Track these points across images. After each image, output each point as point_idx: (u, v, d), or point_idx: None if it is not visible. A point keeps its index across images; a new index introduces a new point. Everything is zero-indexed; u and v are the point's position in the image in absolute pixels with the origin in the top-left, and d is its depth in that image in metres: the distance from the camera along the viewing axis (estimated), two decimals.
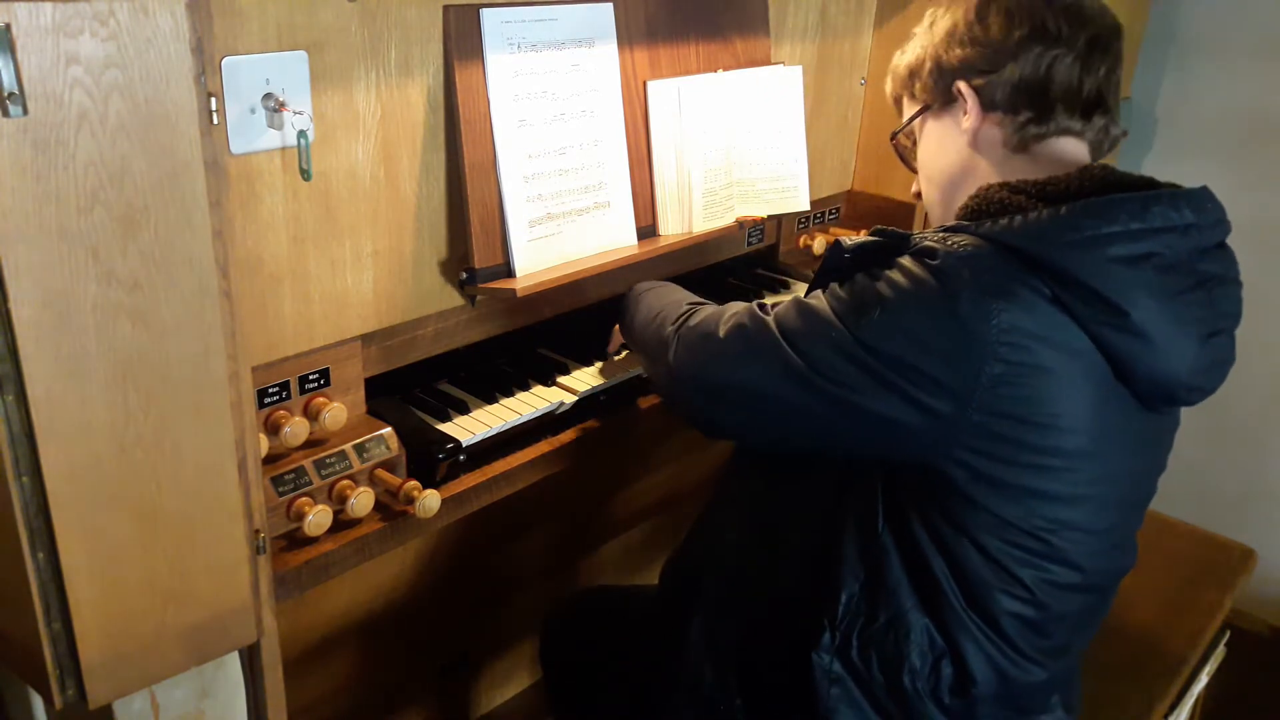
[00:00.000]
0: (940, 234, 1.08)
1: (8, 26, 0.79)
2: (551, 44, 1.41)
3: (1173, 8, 2.49)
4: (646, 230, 1.59)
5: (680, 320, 1.27)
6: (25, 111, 0.81)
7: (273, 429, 1.22)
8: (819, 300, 1.11)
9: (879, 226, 1.14)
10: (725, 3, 1.64)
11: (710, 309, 1.25)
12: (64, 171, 0.84)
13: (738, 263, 1.90)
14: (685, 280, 1.78)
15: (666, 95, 1.57)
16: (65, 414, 0.89)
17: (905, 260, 1.06)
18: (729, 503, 1.37)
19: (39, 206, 0.84)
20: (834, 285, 1.12)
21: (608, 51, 1.48)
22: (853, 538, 1.16)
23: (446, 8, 1.28)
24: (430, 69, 1.29)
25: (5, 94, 0.80)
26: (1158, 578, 1.86)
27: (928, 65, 1.26)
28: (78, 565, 0.94)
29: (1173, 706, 1.68)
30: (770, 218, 1.75)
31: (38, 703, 1.37)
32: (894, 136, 1.36)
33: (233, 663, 1.15)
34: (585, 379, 1.50)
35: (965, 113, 1.22)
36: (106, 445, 0.93)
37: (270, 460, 1.20)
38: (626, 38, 1.51)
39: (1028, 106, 1.18)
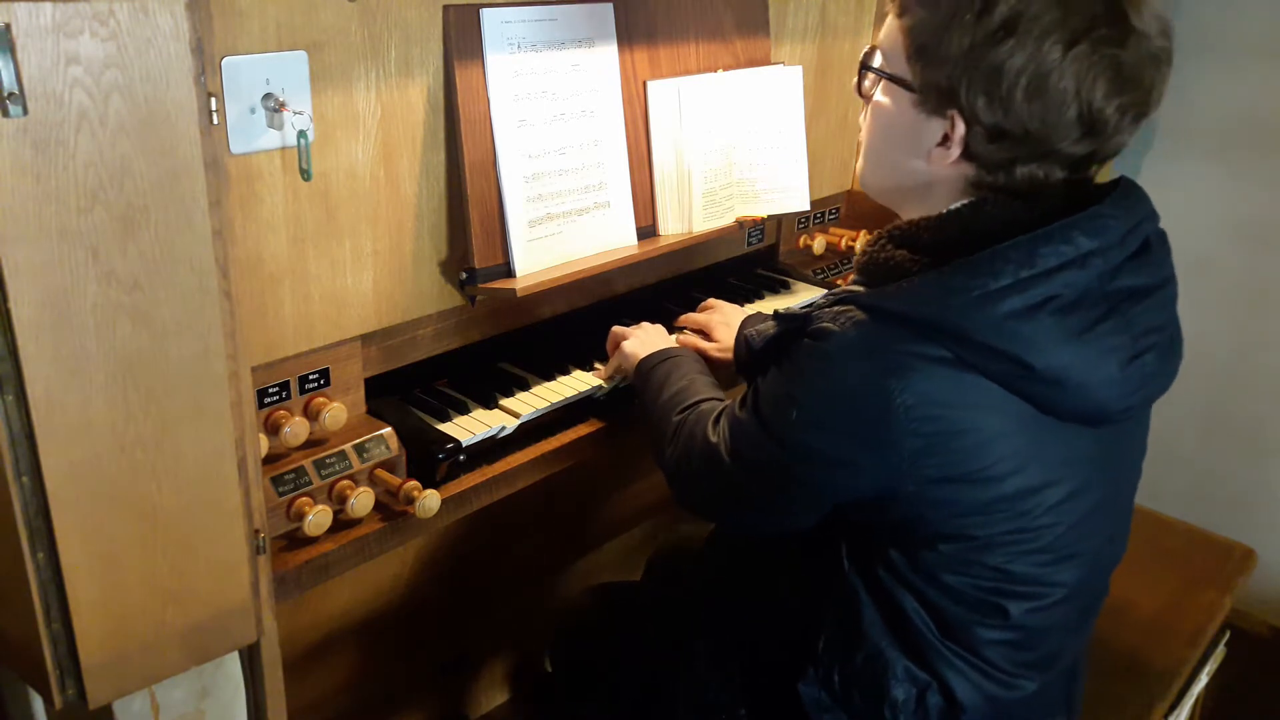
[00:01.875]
0: (833, 308, 1.04)
1: (8, 26, 0.79)
2: (551, 44, 1.41)
3: (1171, 8, 2.49)
4: (646, 230, 1.59)
5: (673, 440, 1.25)
6: (25, 111, 0.81)
7: (273, 429, 1.22)
8: (746, 414, 1.12)
9: (777, 310, 1.15)
10: (725, 3, 1.64)
11: (688, 432, 1.23)
12: (64, 171, 0.84)
13: (738, 263, 1.90)
14: (686, 280, 1.79)
15: (666, 95, 1.57)
16: (65, 414, 0.89)
17: (803, 352, 1.04)
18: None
19: (39, 206, 0.84)
20: (758, 382, 1.12)
21: (608, 51, 1.48)
22: (826, 576, 1.17)
23: (446, 8, 1.28)
24: (430, 69, 1.29)
25: (5, 94, 0.80)
26: (1157, 578, 1.86)
27: (955, 65, 0.98)
28: (78, 565, 0.94)
29: (1173, 706, 1.68)
30: (770, 218, 1.74)
31: (38, 703, 1.37)
32: (866, 67, 1.11)
33: (233, 663, 1.15)
34: (585, 379, 1.50)
35: (942, 143, 1.04)
36: (106, 445, 0.93)
37: (270, 460, 1.20)
38: (626, 38, 1.51)
39: (1012, 196, 1.04)
